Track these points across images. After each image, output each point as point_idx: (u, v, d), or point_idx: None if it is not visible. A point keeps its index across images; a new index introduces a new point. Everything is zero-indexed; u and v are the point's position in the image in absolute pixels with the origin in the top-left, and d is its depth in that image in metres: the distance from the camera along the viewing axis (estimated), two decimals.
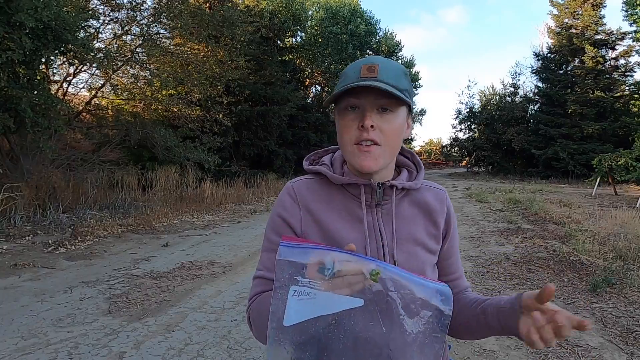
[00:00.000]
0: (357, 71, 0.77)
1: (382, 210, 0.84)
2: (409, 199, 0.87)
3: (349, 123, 0.77)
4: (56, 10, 6.24)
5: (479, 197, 12.31)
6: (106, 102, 11.60)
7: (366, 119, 0.75)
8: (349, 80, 0.77)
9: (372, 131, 0.75)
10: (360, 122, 0.76)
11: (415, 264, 0.82)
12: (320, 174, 0.87)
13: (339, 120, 0.80)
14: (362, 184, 0.82)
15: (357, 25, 20.65)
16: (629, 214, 7.91)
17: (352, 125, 0.77)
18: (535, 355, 2.76)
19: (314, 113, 20.47)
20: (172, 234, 6.83)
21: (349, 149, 0.78)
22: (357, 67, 0.78)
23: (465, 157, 33.07)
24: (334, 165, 0.88)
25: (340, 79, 0.81)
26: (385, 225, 0.83)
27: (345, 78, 0.79)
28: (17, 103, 6.34)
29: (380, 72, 0.76)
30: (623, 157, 12.81)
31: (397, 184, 0.84)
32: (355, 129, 0.76)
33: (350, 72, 0.79)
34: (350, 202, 0.84)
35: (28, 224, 6.66)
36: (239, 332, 3.07)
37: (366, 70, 0.76)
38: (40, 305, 3.51)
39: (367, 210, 0.83)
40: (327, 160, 0.90)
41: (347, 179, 0.83)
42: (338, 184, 0.85)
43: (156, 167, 10.92)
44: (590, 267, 4.76)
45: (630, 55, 21.88)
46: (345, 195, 0.85)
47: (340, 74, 0.83)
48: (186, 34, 10.60)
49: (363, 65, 0.77)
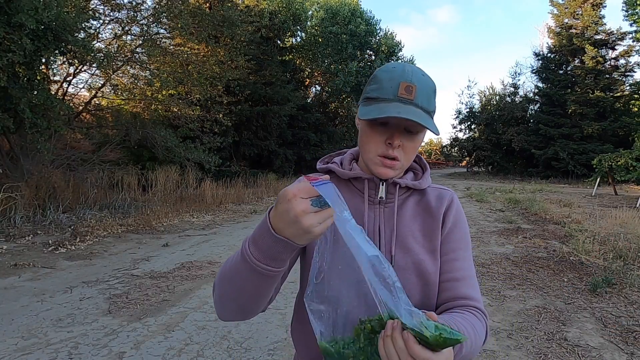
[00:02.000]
0: (395, 87, 0.77)
1: (385, 208, 0.86)
2: (414, 199, 0.89)
3: (377, 136, 0.80)
4: (56, 11, 6.25)
5: (479, 197, 12.32)
6: (106, 102, 11.61)
7: (395, 139, 0.78)
8: (384, 94, 0.77)
9: (397, 149, 0.79)
10: (389, 140, 0.79)
11: (411, 260, 0.82)
12: (331, 172, 0.91)
13: (367, 129, 0.81)
14: (366, 179, 0.85)
15: (357, 25, 20.63)
16: (629, 214, 7.91)
17: (379, 139, 0.80)
18: (535, 356, 2.75)
19: (314, 113, 20.46)
20: (172, 234, 6.83)
21: (372, 157, 0.81)
22: (395, 81, 0.78)
23: (465, 157, 33.07)
24: (342, 164, 0.92)
25: (373, 84, 0.81)
26: (386, 222, 0.85)
27: (381, 89, 0.78)
28: (17, 103, 6.34)
29: (417, 94, 0.77)
30: (623, 157, 12.81)
31: (401, 182, 0.86)
32: (382, 142, 0.80)
33: (387, 84, 0.78)
34: (356, 198, 0.87)
35: (28, 224, 6.66)
36: (239, 332, 3.07)
37: (404, 90, 0.77)
38: (40, 305, 3.51)
39: (369, 205, 0.86)
40: (337, 160, 0.94)
41: (353, 173, 0.87)
42: (345, 179, 0.89)
43: (156, 167, 10.93)
44: (590, 267, 4.77)
45: (630, 55, 21.92)
46: (352, 190, 0.88)
47: (373, 77, 0.82)
48: (186, 34, 10.60)
49: (402, 83, 0.77)
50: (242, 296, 0.71)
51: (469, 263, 0.87)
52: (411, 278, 0.81)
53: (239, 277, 0.69)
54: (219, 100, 12.18)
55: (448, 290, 0.83)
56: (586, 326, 3.23)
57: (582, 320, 3.34)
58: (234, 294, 0.72)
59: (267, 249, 0.64)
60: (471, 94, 47.59)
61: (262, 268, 0.65)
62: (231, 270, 0.71)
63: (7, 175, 7.60)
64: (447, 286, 0.83)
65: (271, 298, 0.77)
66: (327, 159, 0.96)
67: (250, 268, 0.66)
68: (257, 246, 0.65)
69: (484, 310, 0.83)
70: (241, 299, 0.72)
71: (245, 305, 0.73)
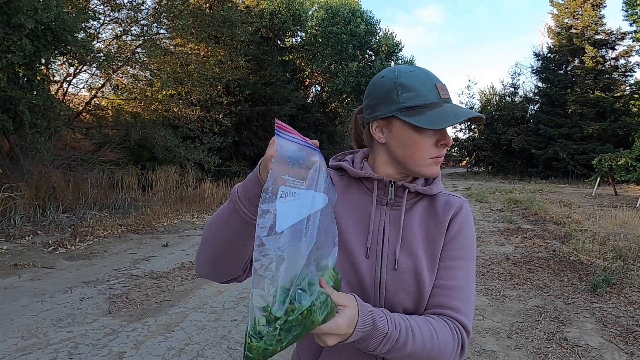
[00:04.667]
0: (434, 90, 0.79)
1: (393, 210, 0.85)
2: (423, 204, 0.88)
3: (427, 141, 0.80)
4: (56, 11, 6.24)
5: (479, 197, 12.32)
6: (106, 102, 11.61)
7: (449, 139, 0.81)
8: (428, 99, 0.78)
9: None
10: (441, 141, 0.80)
11: (412, 265, 0.82)
12: (343, 170, 0.91)
13: (416, 137, 0.79)
14: (376, 179, 0.85)
15: (357, 25, 20.62)
16: (629, 214, 7.91)
17: (429, 143, 0.80)
18: (535, 355, 2.75)
19: (314, 113, 20.45)
20: (172, 234, 6.83)
21: (425, 163, 0.81)
22: (430, 84, 0.79)
23: (465, 157, 33.08)
24: (354, 162, 0.92)
25: (407, 92, 0.79)
26: (392, 223, 0.84)
27: (420, 95, 0.78)
28: (16, 104, 6.34)
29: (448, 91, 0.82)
30: (623, 157, 12.82)
31: (410, 187, 0.85)
32: (432, 146, 0.80)
33: (423, 89, 0.79)
34: (365, 196, 0.87)
35: (28, 224, 6.66)
36: (239, 332, 3.07)
37: (443, 91, 0.80)
38: (40, 305, 3.51)
39: (377, 205, 0.85)
40: (349, 158, 0.94)
41: (363, 172, 0.86)
42: (356, 178, 0.89)
43: (156, 167, 10.93)
44: (590, 267, 4.77)
45: (630, 55, 21.91)
46: (361, 189, 0.88)
47: (401, 85, 0.80)
48: (186, 34, 10.60)
49: (437, 85, 0.80)
50: (216, 238, 0.74)
51: (466, 274, 0.83)
52: (410, 281, 0.81)
53: (220, 218, 0.73)
54: (219, 100, 12.18)
55: (435, 296, 0.81)
56: (586, 326, 3.23)
57: (582, 320, 3.34)
58: (211, 235, 0.75)
59: (249, 188, 0.68)
60: (471, 93, 47.78)
61: (240, 210, 0.69)
62: (217, 213, 0.75)
63: (7, 175, 7.60)
64: (435, 292, 0.81)
65: (245, 265, 0.79)
66: (339, 157, 0.96)
67: (232, 208, 0.70)
68: (244, 187, 0.70)
69: (464, 323, 0.79)
70: (215, 243, 0.74)
71: (218, 254, 0.75)
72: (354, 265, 0.82)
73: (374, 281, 0.82)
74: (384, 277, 0.82)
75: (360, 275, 0.82)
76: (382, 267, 0.82)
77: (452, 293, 0.81)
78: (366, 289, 0.82)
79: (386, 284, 0.81)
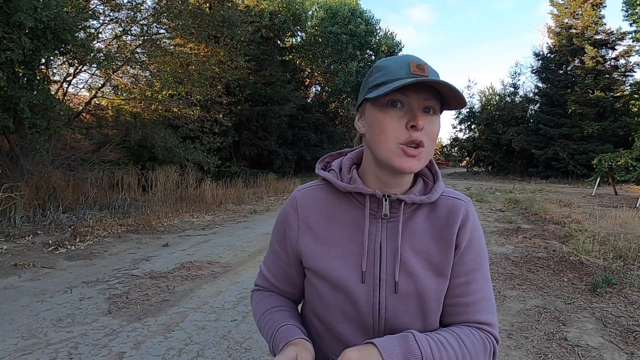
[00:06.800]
0: (405, 67, 0.70)
1: (389, 223, 0.77)
2: (423, 213, 0.79)
3: (394, 121, 0.70)
4: (56, 11, 6.24)
5: (479, 197, 12.32)
6: (106, 102, 11.61)
7: (419, 118, 0.68)
8: (396, 75, 0.70)
9: (421, 132, 0.70)
10: (411, 122, 0.69)
11: (414, 287, 0.75)
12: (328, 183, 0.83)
13: (379, 115, 0.71)
14: (368, 194, 0.76)
15: (357, 25, 20.63)
16: (629, 214, 7.91)
17: (398, 124, 0.70)
18: (535, 356, 2.75)
19: (314, 113, 20.46)
20: (172, 234, 6.83)
21: (392, 148, 0.70)
22: (403, 62, 0.71)
23: (465, 157, 33.09)
24: (342, 171, 0.82)
25: (378, 72, 0.74)
26: (389, 240, 0.76)
27: (389, 72, 0.71)
28: (16, 103, 6.34)
29: (430, 72, 0.71)
30: (623, 157, 12.82)
31: (406, 199, 0.76)
32: (403, 128, 0.69)
33: (394, 66, 0.72)
34: (356, 210, 0.78)
35: (28, 224, 6.66)
36: (239, 332, 3.07)
37: (416, 68, 0.70)
38: (40, 305, 3.51)
39: (370, 220, 0.77)
40: (336, 166, 0.84)
41: (352, 187, 0.77)
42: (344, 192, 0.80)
43: (156, 167, 10.93)
44: (590, 267, 4.77)
45: (630, 55, 21.92)
46: (351, 202, 0.79)
47: (375, 68, 0.75)
48: (186, 34, 10.61)
49: (411, 62, 0.70)
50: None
51: (483, 282, 0.78)
52: (413, 303, 0.75)
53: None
54: (219, 100, 12.18)
55: (457, 315, 0.77)
56: (586, 326, 3.23)
57: (582, 320, 3.34)
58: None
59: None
60: (471, 94, 47.29)
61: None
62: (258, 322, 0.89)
63: (7, 175, 7.59)
64: (456, 311, 0.77)
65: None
66: (327, 159, 0.89)
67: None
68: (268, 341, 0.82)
69: (494, 334, 0.77)
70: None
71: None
72: (349, 294, 0.75)
73: (372, 307, 0.75)
74: (382, 302, 0.75)
75: (356, 302, 0.75)
76: (381, 291, 0.75)
77: (475, 308, 0.77)
78: (363, 315, 0.75)
79: (386, 308, 0.75)
